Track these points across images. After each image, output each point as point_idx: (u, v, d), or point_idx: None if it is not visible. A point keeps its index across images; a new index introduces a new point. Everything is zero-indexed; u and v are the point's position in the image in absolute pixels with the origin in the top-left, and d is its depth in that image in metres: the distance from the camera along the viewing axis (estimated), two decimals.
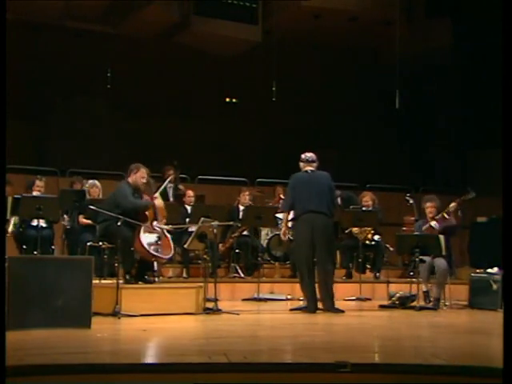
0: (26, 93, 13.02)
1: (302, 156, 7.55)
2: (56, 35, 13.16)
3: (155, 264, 7.28)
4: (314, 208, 7.24)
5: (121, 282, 6.59)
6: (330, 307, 7.25)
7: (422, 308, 7.66)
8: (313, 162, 7.51)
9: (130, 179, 7.27)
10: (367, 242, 9.39)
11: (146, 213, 7.15)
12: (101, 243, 7.64)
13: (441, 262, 7.91)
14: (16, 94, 10.25)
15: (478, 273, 8.46)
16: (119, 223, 6.61)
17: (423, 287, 8.13)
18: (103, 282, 7.64)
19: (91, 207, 7.32)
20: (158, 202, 7.34)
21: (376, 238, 9.50)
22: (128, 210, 6.95)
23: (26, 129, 13.03)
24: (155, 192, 7.61)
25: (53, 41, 13.22)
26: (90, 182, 9.29)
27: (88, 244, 8.07)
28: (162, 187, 8.02)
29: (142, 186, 7.26)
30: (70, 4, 12.30)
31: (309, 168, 7.48)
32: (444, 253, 7.92)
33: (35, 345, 4.61)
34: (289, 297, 8.85)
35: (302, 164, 7.53)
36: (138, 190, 7.25)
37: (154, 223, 7.18)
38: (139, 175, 7.22)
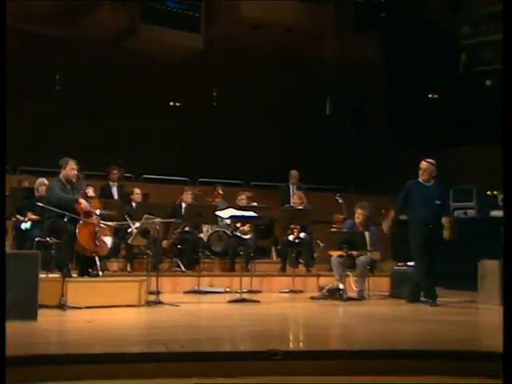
0: None
1: None
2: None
3: (97, 259, 7.25)
4: None
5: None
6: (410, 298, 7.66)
7: (348, 299, 7.82)
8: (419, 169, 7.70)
9: (61, 175, 7.26)
10: (291, 238, 9.49)
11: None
12: (48, 239, 7.52)
13: (362, 257, 8.09)
14: None
15: (399, 266, 8.69)
16: (66, 219, 6.56)
17: (339, 284, 8.00)
18: (50, 276, 7.50)
19: (39, 204, 7.23)
20: (90, 192, 7.39)
21: (302, 235, 9.60)
22: (53, 205, 6.89)
23: None
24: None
25: None
26: (39, 180, 9.13)
27: (36, 240, 7.93)
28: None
29: (74, 177, 7.24)
30: (19, 5, 11.98)
31: None
32: (369, 248, 8.12)
33: None
34: (227, 289, 8.86)
35: None
36: (71, 183, 7.22)
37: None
38: (69, 168, 7.22)
